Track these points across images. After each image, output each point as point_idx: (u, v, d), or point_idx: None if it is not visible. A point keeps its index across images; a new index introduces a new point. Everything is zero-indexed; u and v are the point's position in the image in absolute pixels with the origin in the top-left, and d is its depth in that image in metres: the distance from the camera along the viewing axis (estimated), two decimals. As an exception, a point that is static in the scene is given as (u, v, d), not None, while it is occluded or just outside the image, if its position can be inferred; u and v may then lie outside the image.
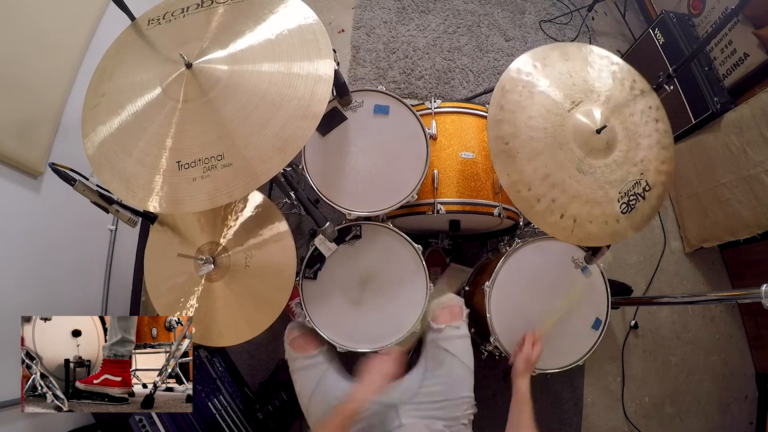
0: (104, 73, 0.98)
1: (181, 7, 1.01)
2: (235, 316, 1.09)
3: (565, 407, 1.79)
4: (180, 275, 1.10)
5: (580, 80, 1.09)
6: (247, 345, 1.70)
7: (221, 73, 0.89)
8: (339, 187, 1.22)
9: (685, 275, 2.05)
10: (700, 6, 2.01)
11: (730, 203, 1.77)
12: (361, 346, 1.21)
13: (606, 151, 1.06)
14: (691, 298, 1.24)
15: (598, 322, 1.28)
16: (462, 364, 1.15)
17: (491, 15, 2.32)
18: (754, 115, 1.64)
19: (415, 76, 2.13)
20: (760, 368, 1.97)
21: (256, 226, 1.12)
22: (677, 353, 1.95)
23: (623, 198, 1.05)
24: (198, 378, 1.52)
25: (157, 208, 0.84)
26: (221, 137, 0.84)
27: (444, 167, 1.32)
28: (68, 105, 1.31)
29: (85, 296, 1.50)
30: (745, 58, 1.79)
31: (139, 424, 1.27)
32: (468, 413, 1.12)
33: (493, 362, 1.60)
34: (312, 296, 1.22)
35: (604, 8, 2.48)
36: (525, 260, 1.29)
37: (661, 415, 1.88)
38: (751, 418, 1.93)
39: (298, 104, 0.85)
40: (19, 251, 1.20)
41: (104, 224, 1.57)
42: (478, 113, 1.39)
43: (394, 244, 1.26)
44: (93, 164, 0.90)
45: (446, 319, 1.19)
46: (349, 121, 1.24)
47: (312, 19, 0.94)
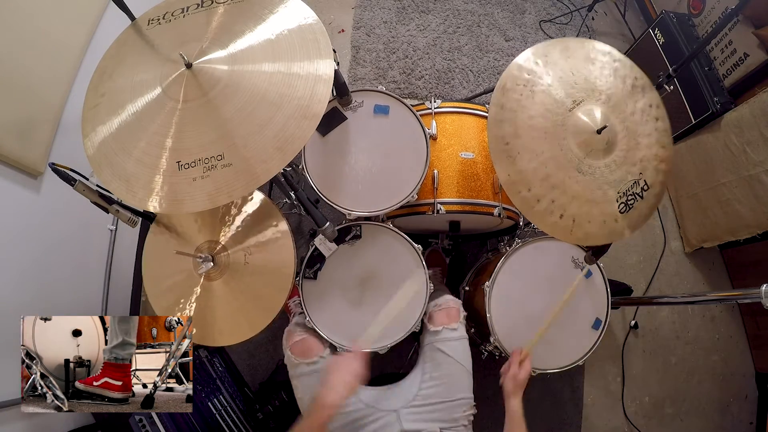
0: (104, 73, 0.98)
1: (181, 7, 1.01)
2: (235, 314, 1.09)
3: (565, 407, 1.79)
4: (179, 274, 1.10)
5: (581, 78, 1.09)
6: (247, 345, 1.71)
7: (221, 73, 0.89)
8: (339, 187, 1.22)
9: (685, 275, 2.05)
10: (700, 6, 2.01)
11: (730, 203, 1.77)
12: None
13: (606, 151, 1.05)
14: (691, 298, 1.24)
15: (598, 322, 1.28)
16: (459, 365, 1.15)
17: (491, 15, 2.32)
18: (754, 115, 1.64)
19: (415, 76, 2.13)
20: (760, 368, 1.97)
21: (255, 225, 1.12)
22: (677, 353, 1.95)
23: (621, 198, 1.05)
24: (198, 378, 1.52)
25: (157, 208, 0.84)
26: (221, 137, 0.84)
27: (444, 167, 1.32)
28: (68, 105, 1.31)
29: (85, 296, 1.50)
30: (745, 58, 1.79)
31: (139, 424, 1.28)
32: (467, 414, 1.12)
33: (493, 362, 1.60)
34: (312, 296, 1.22)
35: (604, 8, 2.48)
36: (525, 260, 1.30)
37: (661, 415, 1.88)
38: (751, 418, 1.93)
39: (298, 104, 0.85)
40: (19, 251, 1.20)
41: (104, 224, 1.58)
42: (478, 113, 1.39)
43: (394, 244, 1.26)
44: (93, 164, 0.90)
45: (443, 321, 1.19)
46: (349, 121, 1.24)
47: (312, 19, 0.94)
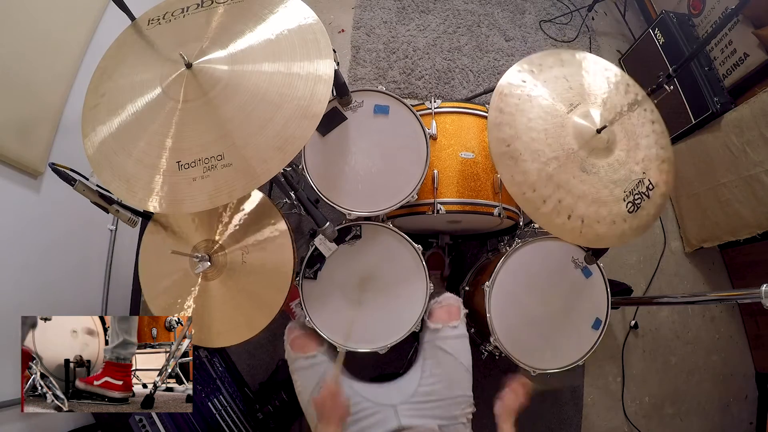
0: (104, 73, 0.98)
1: (181, 7, 1.01)
2: (234, 315, 1.08)
3: (565, 407, 1.79)
4: (176, 274, 1.10)
5: (576, 84, 1.10)
6: (247, 345, 1.70)
7: (221, 73, 0.89)
8: (339, 187, 1.22)
9: (685, 275, 2.05)
10: (700, 6, 2.01)
11: (730, 203, 1.77)
12: (361, 346, 1.21)
13: (607, 150, 1.06)
14: (691, 298, 1.24)
15: (598, 322, 1.28)
16: (459, 363, 1.15)
17: (491, 15, 2.32)
18: (754, 115, 1.64)
19: (415, 76, 2.13)
20: (760, 368, 1.97)
21: (253, 223, 1.12)
22: (677, 353, 1.95)
23: (629, 197, 1.04)
24: (198, 378, 1.52)
25: (157, 208, 0.84)
26: (221, 137, 0.84)
27: (444, 167, 1.32)
28: (68, 105, 1.31)
29: (85, 296, 1.50)
30: (745, 58, 1.79)
31: (139, 424, 1.28)
32: (466, 412, 1.12)
33: (493, 362, 1.60)
34: (312, 296, 1.22)
35: (604, 8, 2.49)
36: (525, 260, 1.29)
37: (661, 415, 1.88)
38: (751, 418, 1.93)
39: (298, 104, 0.85)
40: (19, 251, 1.20)
41: (104, 224, 1.58)
42: (478, 113, 1.39)
43: (394, 244, 1.26)
44: (93, 164, 0.90)
45: (443, 319, 1.19)
46: (349, 121, 1.24)
47: (312, 19, 0.94)
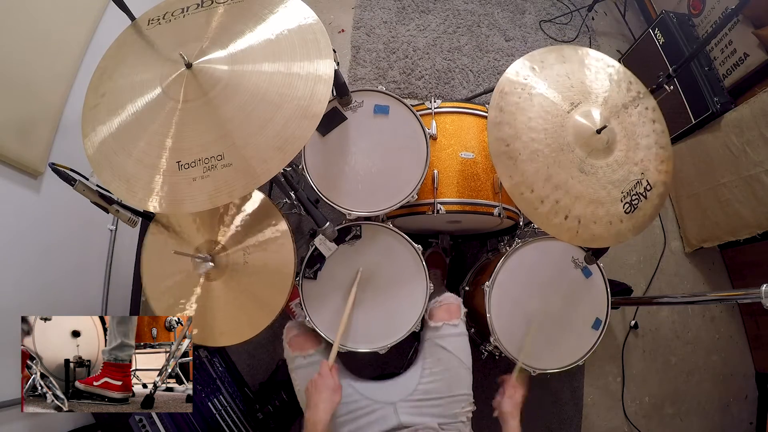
0: (104, 73, 0.98)
1: (181, 7, 1.01)
2: (236, 314, 1.09)
3: (565, 407, 1.79)
4: (178, 274, 1.10)
5: (577, 82, 1.09)
6: (247, 345, 1.70)
7: (221, 73, 0.89)
8: (339, 187, 1.22)
9: (685, 275, 2.05)
10: (700, 6, 2.01)
11: (730, 203, 1.77)
12: (361, 346, 1.21)
13: (606, 151, 1.06)
14: (691, 298, 1.24)
15: (598, 322, 1.28)
16: (459, 361, 1.15)
17: (491, 15, 2.32)
18: (754, 115, 1.64)
19: (415, 76, 2.13)
20: (760, 368, 1.97)
21: (254, 224, 1.12)
22: (677, 353, 1.95)
23: (626, 198, 1.05)
24: (198, 378, 1.52)
25: (157, 208, 0.84)
26: (221, 137, 0.84)
27: (444, 167, 1.32)
28: (68, 105, 1.31)
29: (85, 296, 1.50)
30: (745, 58, 1.79)
31: (139, 424, 1.28)
32: (466, 411, 1.12)
33: (493, 362, 1.60)
34: (312, 296, 1.22)
35: (604, 8, 2.49)
36: (525, 260, 1.29)
37: (661, 415, 1.88)
38: (751, 418, 1.93)
39: (298, 104, 0.85)
40: (19, 251, 1.20)
41: (104, 224, 1.57)
42: (478, 113, 1.39)
43: (394, 244, 1.26)
44: (93, 164, 0.90)
45: (443, 317, 1.19)
46: (349, 121, 1.24)
47: (312, 19, 0.94)
